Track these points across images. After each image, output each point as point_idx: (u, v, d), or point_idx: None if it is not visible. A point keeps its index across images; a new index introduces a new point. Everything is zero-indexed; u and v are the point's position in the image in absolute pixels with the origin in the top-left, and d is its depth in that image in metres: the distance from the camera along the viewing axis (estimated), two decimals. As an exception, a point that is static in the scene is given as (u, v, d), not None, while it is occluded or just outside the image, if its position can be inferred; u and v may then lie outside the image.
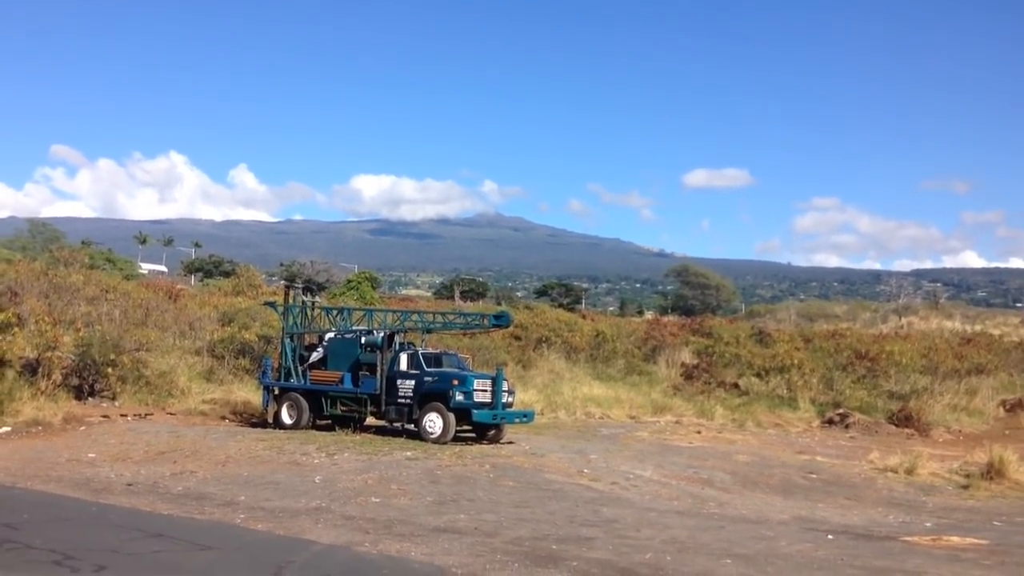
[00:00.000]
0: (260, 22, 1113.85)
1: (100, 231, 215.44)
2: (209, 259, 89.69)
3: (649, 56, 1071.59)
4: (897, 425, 30.04)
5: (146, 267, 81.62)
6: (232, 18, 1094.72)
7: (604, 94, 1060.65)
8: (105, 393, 23.88)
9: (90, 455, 17.44)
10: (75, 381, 23.68)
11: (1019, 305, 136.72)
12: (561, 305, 70.54)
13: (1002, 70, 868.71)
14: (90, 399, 23.53)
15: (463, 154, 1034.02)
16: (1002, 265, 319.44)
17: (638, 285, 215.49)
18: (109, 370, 23.58)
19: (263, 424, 23.05)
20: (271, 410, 23.06)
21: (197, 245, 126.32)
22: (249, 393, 25.78)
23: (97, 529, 11.07)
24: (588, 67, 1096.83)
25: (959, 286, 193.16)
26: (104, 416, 22.09)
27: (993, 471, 18.76)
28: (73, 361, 23.81)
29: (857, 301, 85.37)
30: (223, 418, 24.09)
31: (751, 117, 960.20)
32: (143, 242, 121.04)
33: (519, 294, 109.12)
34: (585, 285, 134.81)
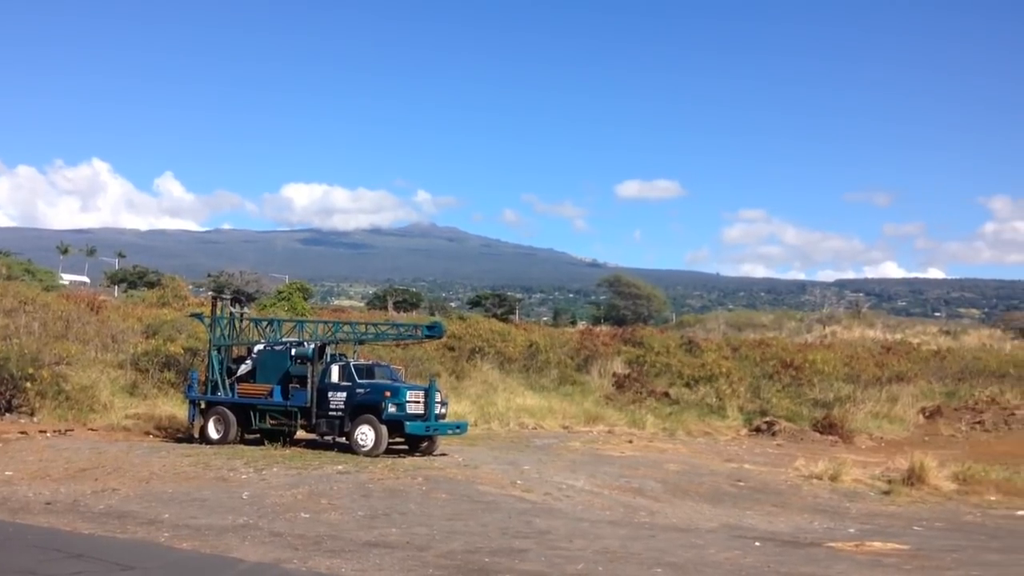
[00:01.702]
0: (185, 26, 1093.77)
1: (19, 241, 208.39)
2: (133, 270, 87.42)
3: (581, 65, 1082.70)
4: (822, 432, 30.78)
5: (67, 278, 79.06)
6: (156, 22, 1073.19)
7: (537, 104, 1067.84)
8: (23, 409, 23.12)
9: (7, 473, 16.84)
10: (-9, 396, 22.89)
11: (938, 314, 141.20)
12: (495, 315, 70.45)
13: (923, 86, 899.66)
14: (7, 415, 22.78)
15: (396, 163, 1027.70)
16: (921, 275, 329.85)
17: (571, 295, 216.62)
18: (27, 385, 22.87)
19: (189, 439, 22.55)
20: (197, 424, 22.59)
21: (121, 255, 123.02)
22: (174, 407, 25.20)
23: (14, 550, 10.69)
24: (521, 77, 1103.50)
25: (880, 296, 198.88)
26: (22, 432, 21.38)
27: (914, 477, 19.36)
28: (-11, 376, 23.00)
29: (783, 311, 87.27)
30: (147, 433, 23.49)
31: (680, 128, 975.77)
32: (64, 252, 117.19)
33: (453, 304, 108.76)
34: (519, 295, 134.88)
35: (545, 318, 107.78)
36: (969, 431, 33.04)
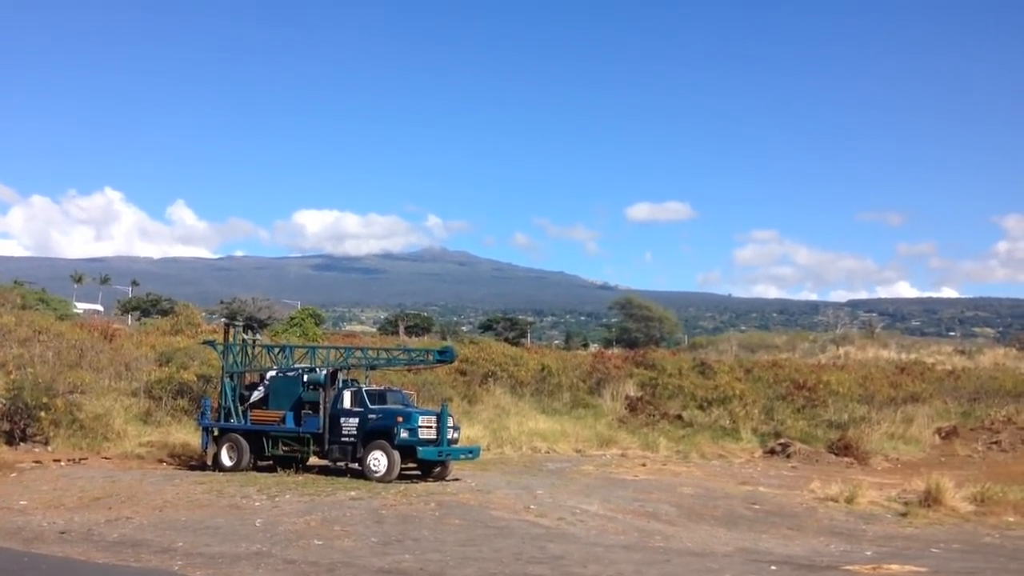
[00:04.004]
0: (195, 54, 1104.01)
1: (34, 270, 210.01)
2: (147, 297, 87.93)
3: (591, 88, 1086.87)
4: (837, 454, 30.55)
5: (81, 307, 79.47)
6: (166, 50, 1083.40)
7: (548, 128, 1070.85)
8: (38, 438, 23.17)
9: (21, 502, 16.89)
10: (6, 426, 22.98)
11: (952, 334, 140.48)
12: (507, 339, 70.48)
13: (935, 106, 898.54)
14: (21, 444, 22.82)
15: (407, 188, 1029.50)
16: (935, 295, 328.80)
17: (583, 318, 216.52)
18: (42, 414, 22.90)
19: (202, 467, 22.57)
20: (210, 452, 22.62)
21: (135, 283, 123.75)
22: (188, 435, 25.24)
23: (27, 580, 10.70)
24: (531, 100, 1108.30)
25: (894, 316, 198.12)
26: (36, 462, 21.44)
27: (930, 498, 19.16)
28: (3, 405, 23.10)
29: (796, 331, 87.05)
30: (161, 461, 23.54)
31: (691, 149, 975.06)
32: (78, 281, 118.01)
33: (464, 329, 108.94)
34: (530, 319, 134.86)
35: (557, 341, 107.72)
36: (986, 451, 32.76)
